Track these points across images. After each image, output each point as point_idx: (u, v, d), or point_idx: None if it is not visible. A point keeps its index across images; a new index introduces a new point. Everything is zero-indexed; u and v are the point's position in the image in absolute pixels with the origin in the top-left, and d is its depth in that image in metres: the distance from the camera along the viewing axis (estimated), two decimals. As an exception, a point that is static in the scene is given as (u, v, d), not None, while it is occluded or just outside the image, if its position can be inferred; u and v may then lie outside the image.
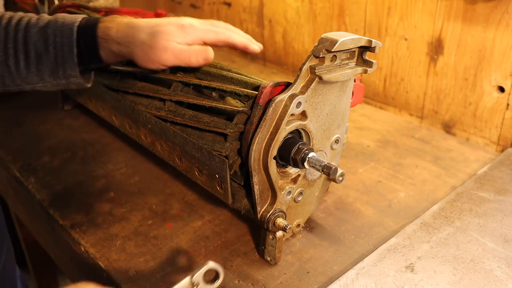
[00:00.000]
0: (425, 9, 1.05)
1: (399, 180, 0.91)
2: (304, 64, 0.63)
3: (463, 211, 0.79)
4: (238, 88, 0.68)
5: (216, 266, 0.53)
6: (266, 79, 0.75)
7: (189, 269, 0.70)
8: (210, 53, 0.71)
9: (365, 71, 0.68)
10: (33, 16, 0.74)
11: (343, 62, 0.67)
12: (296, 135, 0.67)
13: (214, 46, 0.75)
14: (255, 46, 0.77)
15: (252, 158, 0.62)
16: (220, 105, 0.69)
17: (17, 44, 0.71)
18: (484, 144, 1.05)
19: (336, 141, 0.72)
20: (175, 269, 0.70)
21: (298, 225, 0.75)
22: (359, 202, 0.85)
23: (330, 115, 0.69)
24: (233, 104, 0.72)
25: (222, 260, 0.71)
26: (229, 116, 0.70)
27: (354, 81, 0.73)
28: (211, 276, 0.53)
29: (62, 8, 1.10)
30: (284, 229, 0.65)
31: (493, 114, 1.01)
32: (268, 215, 0.66)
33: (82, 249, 0.75)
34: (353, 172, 0.94)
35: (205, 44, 0.74)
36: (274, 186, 0.65)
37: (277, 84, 0.64)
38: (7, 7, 1.42)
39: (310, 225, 0.79)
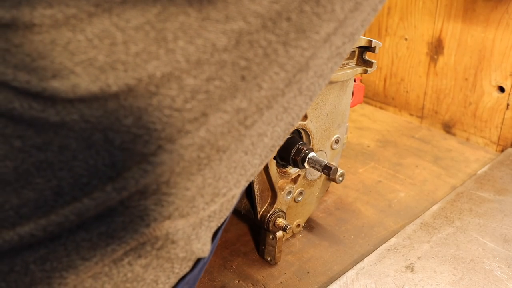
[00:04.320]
0: (425, 9, 1.05)
1: (399, 180, 0.91)
2: (304, 64, 0.63)
3: (463, 211, 0.79)
4: None
5: None
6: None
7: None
8: None
9: (365, 71, 0.68)
10: None
11: (343, 62, 0.67)
12: (296, 135, 0.67)
13: None
14: None
15: (252, 158, 0.62)
16: None
17: None
18: (484, 144, 1.05)
19: (336, 141, 0.72)
20: (175, 269, 0.70)
21: (298, 225, 0.75)
22: (359, 202, 0.85)
23: (330, 115, 0.69)
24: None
25: (222, 260, 0.71)
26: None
27: (354, 81, 0.73)
28: None
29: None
30: (284, 229, 0.65)
31: (493, 114, 1.01)
32: (268, 215, 0.66)
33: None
34: (353, 172, 0.94)
35: None
36: (274, 186, 0.65)
37: (277, 84, 0.64)
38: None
39: (310, 225, 0.79)
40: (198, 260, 0.36)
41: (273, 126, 0.33)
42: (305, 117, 0.65)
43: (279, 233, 0.67)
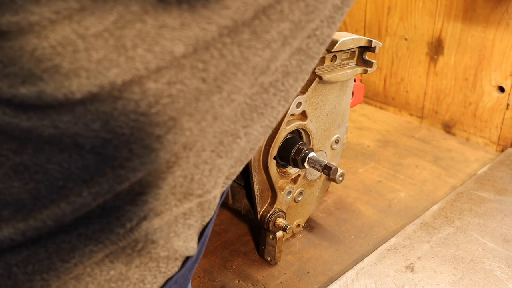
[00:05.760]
0: (425, 9, 1.05)
1: (399, 180, 0.91)
2: (304, 64, 0.63)
3: (463, 211, 0.79)
4: None
5: None
6: (266, 79, 0.74)
7: (189, 269, 0.70)
8: None
9: (365, 71, 0.68)
10: None
11: (343, 62, 0.67)
12: (296, 135, 0.67)
13: None
14: None
15: (252, 158, 0.62)
16: None
17: None
18: (484, 144, 1.05)
19: (336, 141, 0.72)
20: (175, 269, 0.70)
21: (298, 225, 0.75)
22: (359, 202, 0.85)
23: (330, 115, 0.69)
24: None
25: (222, 260, 0.71)
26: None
27: (354, 81, 0.73)
28: None
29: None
30: (284, 229, 0.65)
31: (493, 114, 1.01)
32: (268, 215, 0.66)
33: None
34: (353, 172, 0.94)
35: None
36: (274, 186, 0.65)
37: (277, 84, 0.64)
38: None
39: (310, 225, 0.79)
40: (187, 260, 0.36)
41: (243, 126, 0.34)
42: (305, 117, 0.65)
43: (279, 233, 0.67)
